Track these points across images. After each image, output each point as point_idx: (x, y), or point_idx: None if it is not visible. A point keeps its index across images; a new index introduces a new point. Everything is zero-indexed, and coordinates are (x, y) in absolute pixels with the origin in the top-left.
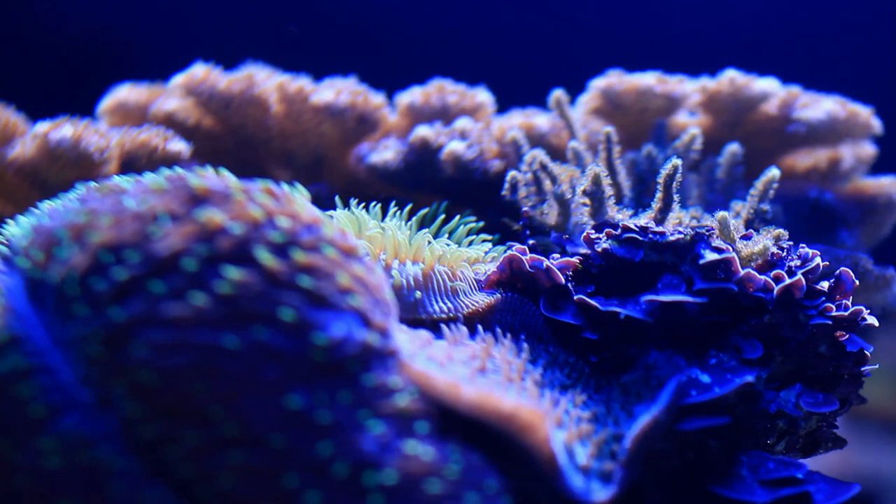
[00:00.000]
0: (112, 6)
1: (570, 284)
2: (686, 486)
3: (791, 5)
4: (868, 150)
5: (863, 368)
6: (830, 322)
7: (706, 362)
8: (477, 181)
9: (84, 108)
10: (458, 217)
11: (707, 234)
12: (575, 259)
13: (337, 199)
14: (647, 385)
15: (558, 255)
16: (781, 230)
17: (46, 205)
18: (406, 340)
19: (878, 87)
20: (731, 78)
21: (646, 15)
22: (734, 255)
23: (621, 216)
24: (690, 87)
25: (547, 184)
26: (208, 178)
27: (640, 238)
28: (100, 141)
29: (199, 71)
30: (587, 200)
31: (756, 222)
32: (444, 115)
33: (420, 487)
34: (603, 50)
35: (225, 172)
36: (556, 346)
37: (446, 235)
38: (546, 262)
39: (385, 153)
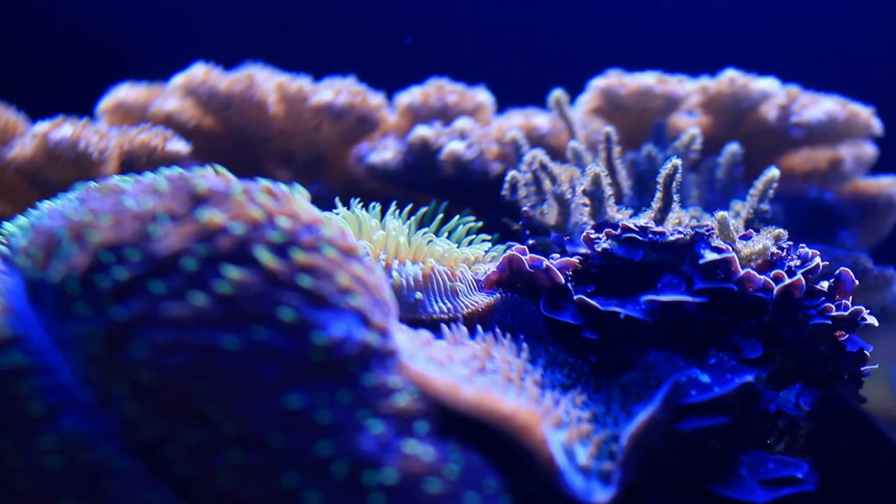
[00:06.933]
0: (112, 6)
1: (569, 284)
2: (686, 485)
3: (791, 5)
4: (868, 150)
5: (862, 368)
6: (830, 322)
7: (706, 362)
8: (476, 181)
9: (84, 107)
10: (457, 217)
11: (707, 233)
12: (575, 259)
13: (337, 199)
14: (646, 385)
15: (558, 255)
16: (781, 230)
17: (46, 204)
18: (406, 340)
19: (879, 87)
20: (730, 78)
21: (646, 15)
22: (734, 254)
23: (621, 216)
24: (690, 87)
25: (547, 184)
26: (208, 177)
27: (640, 238)
28: (99, 141)
29: (199, 71)
30: (587, 200)
31: (756, 222)
32: (444, 115)
33: (420, 487)
34: (603, 50)
35: (224, 172)
36: (555, 346)
37: (446, 235)
38: (546, 262)
39: (384, 153)
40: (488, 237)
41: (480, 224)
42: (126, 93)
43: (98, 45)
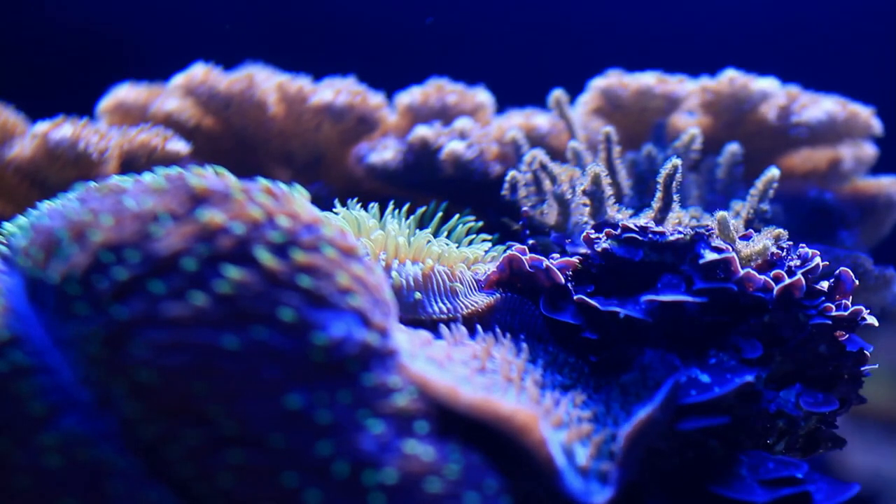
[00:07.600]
0: (112, 5)
1: (569, 284)
2: (686, 485)
3: (791, 5)
4: (868, 150)
5: (862, 368)
6: (830, 322)
7: (706, 362)
8: (476, 181)
9: (84, 107)
10: (457, 216)
11: (707, 233)
12: (575, 259)
13: (336, 199)
14: (644, 385)
15: (558, 255)
16: (781, 230)
17: (46, 204)
18: (405, 340)
19: (879, 87)
20: (730, 78)
21: (646, 15)
22: (734, 254)
23: (621, 216)
24: (690, 87)
25: (547, 184)
26: (208, 177)
27: (640, 238)
28: (99, 141)
29: (199, 71)
30: (587, 200)
31: (756, 222)
32: (444, 115)
33: (420, 487)
34: (603, 50)
35: (224, 172)
36: (555, 346)
37: (445, 234)
38: (546, 262)
39: (384, 153)
40: (488, 237)
41: (480, 224)
42: (126, 93)
43: (98, 45)
